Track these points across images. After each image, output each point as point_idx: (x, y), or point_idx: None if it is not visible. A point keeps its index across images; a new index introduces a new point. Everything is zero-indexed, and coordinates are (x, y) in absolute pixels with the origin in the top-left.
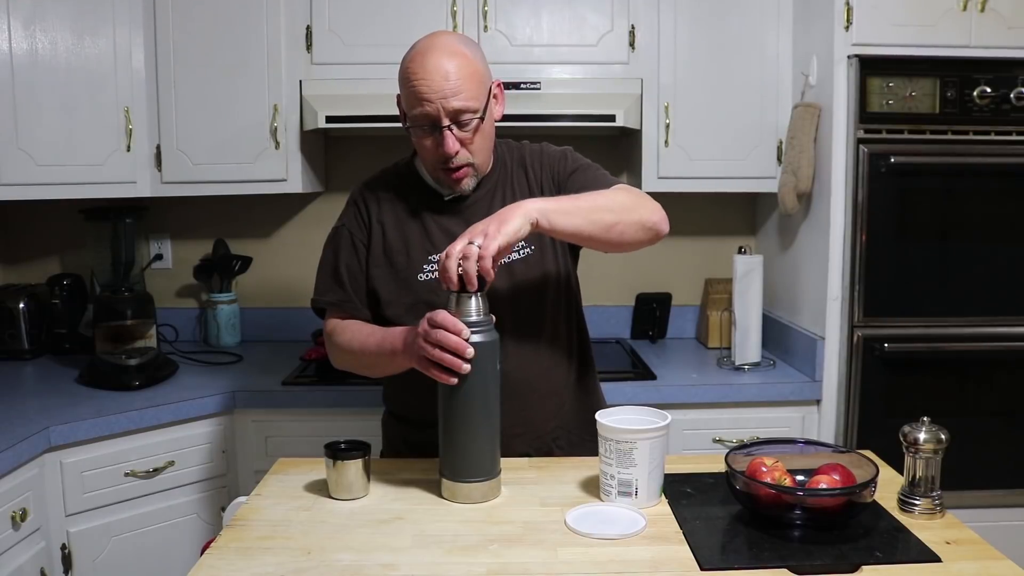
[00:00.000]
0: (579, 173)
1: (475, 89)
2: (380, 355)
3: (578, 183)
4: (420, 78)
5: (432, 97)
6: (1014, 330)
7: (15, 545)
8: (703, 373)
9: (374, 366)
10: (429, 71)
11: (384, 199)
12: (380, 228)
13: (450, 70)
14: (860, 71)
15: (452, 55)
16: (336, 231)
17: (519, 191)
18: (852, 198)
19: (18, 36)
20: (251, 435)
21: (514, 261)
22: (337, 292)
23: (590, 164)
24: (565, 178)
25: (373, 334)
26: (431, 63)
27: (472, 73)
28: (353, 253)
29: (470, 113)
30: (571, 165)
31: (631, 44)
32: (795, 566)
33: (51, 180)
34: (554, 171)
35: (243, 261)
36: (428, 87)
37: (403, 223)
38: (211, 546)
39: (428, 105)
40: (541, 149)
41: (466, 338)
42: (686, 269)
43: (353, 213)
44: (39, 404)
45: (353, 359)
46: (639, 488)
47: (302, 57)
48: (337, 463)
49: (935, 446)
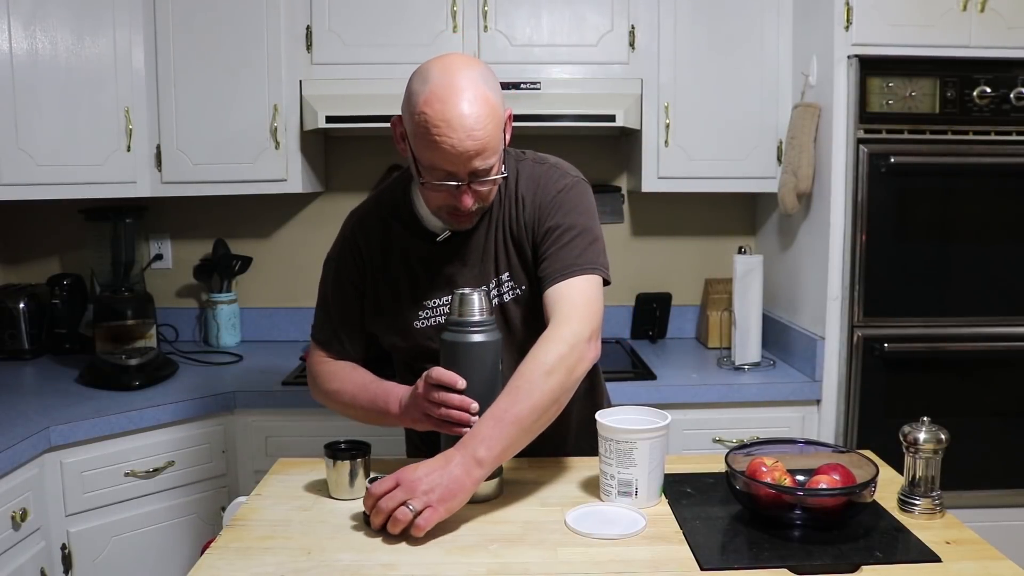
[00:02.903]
0: (557, 239)
1: (496, 141)
2: (371, 412)
3: (547, 249)
4: (442, 133)
5: (455, 159)
6: (1014, 330)
7: (15, 545)
8: (703, 373)
9: (363, 420)
10: (453, 126)
11: (373, 239)
12: (371, 273)
13: (475, 126)
14: (860, 71)
15: (474, 101)
16: (327, 263)
17: (508, 224)
18: (852, 198)
19: (18, 36)
20: (251, 435)
21: (506, 302)
22: (324, 330)
23: (579, 232)
24: (543, 232)
25: (365, 389)
26: (454, 115)
27: (493, 121)
28: (340, 291)
29: (491, 170)
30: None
31: (631, 44)
32: (795, 566)
33: (51, 180)
34: (541, 215)
35: (243, 261)
36: (451, 145)
37: (392, 268)
38: (211, 546)
39: (449, 165)
40: (540, 179)
41: (461, 388)
42: (686, 269)
43: (347, 250)
44: (39, 404)
45: (340, 408)
46: (639, 488)
47: (302, 57)
48: (337, 463)
49: (935, 446)
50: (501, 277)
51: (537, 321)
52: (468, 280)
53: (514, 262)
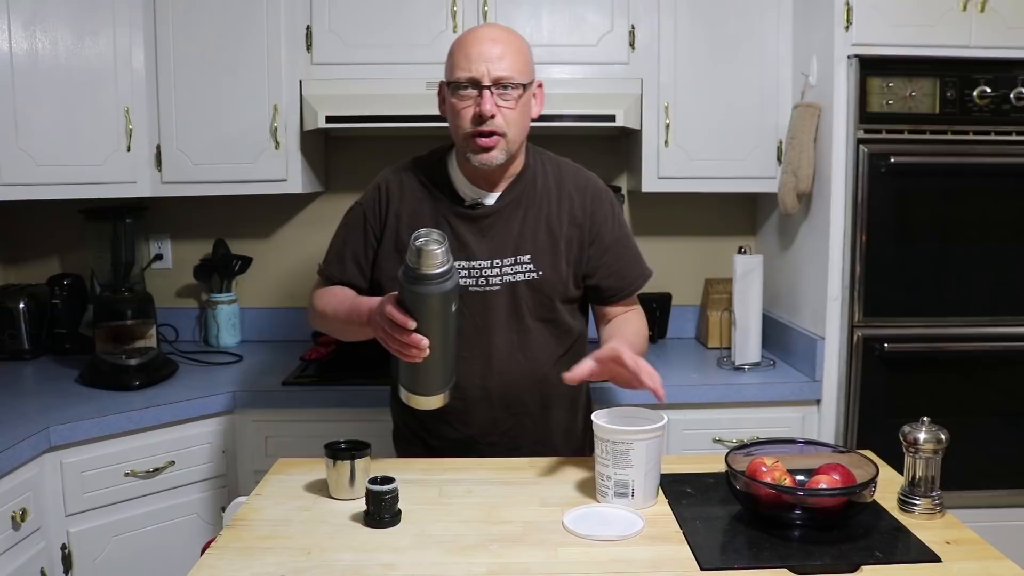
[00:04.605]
0: (616, 254)
1: (521, 65)
2: (349, 323)
3: (609, 264)
4: (469, 44)
5: (479, 59)
6: (1014, 330)
7: (15, 545)
8: (703, 373)
9: (343, 332)
10: (480, 38)
11: (407, 192)
12: (396, 222)
13: (499, 40)
14: (860, 71)
15: (503, 30)
16: (353, 209)
17: (545, 215)
18: (852, 198)
19: (18, 36)
20: (251, 435)
21: (517, 281)
22: (333, 267)
23: (631, 244)
24: (600, 244)
25: (344, 302)
26: (482, 32)
27: (520, 51)
28: (361, 237)
29: (513, 83)
30: (614, 235)
31: (631, 44)
32: (795, 566)
33: (51, 180)
34: (596, 225)
35: (243, 261)
36: (476, 51)
37: (420, 221)
38: (211, 546)
39: (474, 66)
40: (588, 185)
41: (412, 329)
42: (686, 269)
43: (374, 198)
44: (39, 404)
45: (325, 323)
46: (635, 489)
47: (302, 57)
48: (337, 463)
49: (935, 446)
50: (520, 257)
51: (542, 307)
52: (482, 251)
53: (542, 248)
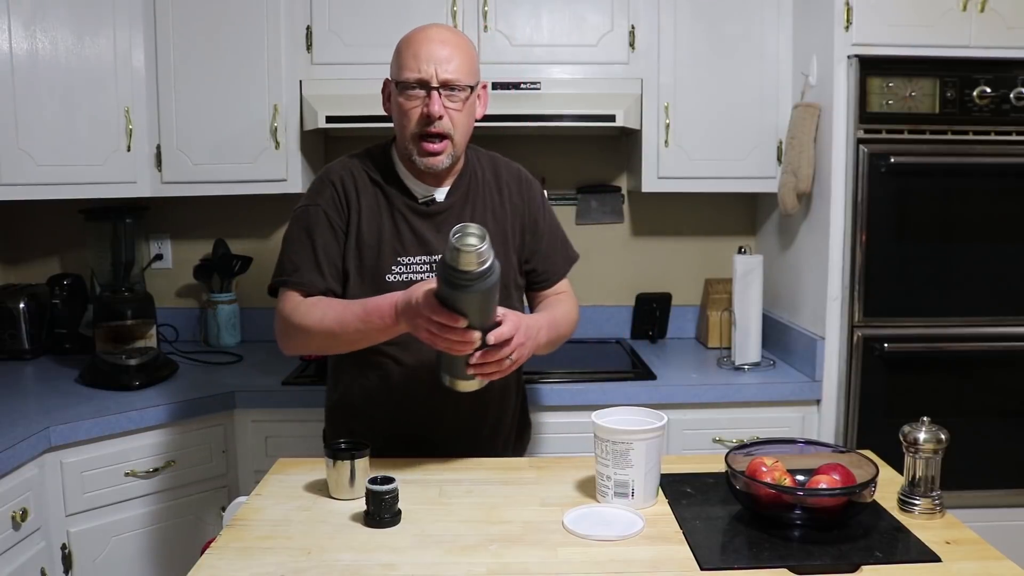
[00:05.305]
0: (550, 240)
1: (468, 67)
2: (366, 331)
3: (544, 250)
4: (418, 44)
5: (427, 60)
6: (1014, 330)
7: (15, 545)
8: (703, 373)
9: (350, 342)
10: (429, 39)
11: (363, 187)
12: (357, 218)
13: (448, 42)
14: (860, 71)
15: (451, 32)
16: (307, 210)
17: (491, 207)
18: (852, 198)
19: (18, 36)
20: (251, 435)
21: None
22: (309, 276)
23: (560, 229)
24: (536, 231)
25: (349, 308)
26: (431, 32)
27: (467, 53)
28: (332, 238)
29: (460, 85)
30: (547, 222)
31: (631, 44)
32: (795, 566)
33: (51, 180)
34: (532, 212)
35: (243, 261)
36: (426, 51)
37: (376, 218)
38: (211, 546)
39: (423, 67)
40: (520, 175)
41: (463, 327)
42: (686, 269)
43: (331, 195)
44: (39, 404)
45: (321, 339)
46: (635, 489)
47: (302, 57)
48: (337, 463)
49: (935, 446)
50: None
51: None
52: (440, 245)
53: (494, 239)
